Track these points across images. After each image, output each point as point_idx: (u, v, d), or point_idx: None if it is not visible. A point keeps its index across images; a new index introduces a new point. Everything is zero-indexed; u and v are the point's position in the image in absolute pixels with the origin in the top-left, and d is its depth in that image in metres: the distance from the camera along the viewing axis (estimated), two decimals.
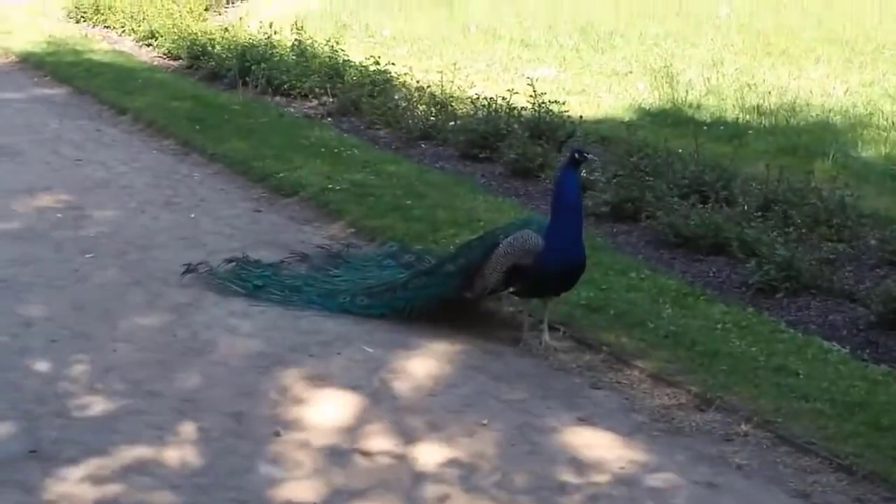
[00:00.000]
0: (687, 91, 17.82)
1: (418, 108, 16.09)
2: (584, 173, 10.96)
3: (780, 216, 11.11)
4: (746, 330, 9.02)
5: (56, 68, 20.48)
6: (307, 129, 15.63)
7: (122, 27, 24.53)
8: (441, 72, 17.08)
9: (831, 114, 16.41)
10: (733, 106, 16.99)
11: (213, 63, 19.85)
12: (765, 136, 15.26)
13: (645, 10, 25.15)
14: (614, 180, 12.42)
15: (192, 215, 12.14)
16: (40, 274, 10.19)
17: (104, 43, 23.43)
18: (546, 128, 14.56)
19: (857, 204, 11.53)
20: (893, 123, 15.66)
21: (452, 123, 15.33)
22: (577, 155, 8.78)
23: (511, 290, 9.08)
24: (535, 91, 14.84)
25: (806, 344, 8.82)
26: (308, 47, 19.39)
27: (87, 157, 14.58)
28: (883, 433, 7.41)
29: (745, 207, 11.46)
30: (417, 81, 17.09)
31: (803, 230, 10.76)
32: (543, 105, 14.78)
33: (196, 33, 21.41)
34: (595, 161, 9.31)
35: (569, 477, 7.01)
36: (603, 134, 15.26)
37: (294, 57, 19.07)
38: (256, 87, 18.26)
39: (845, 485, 6.97)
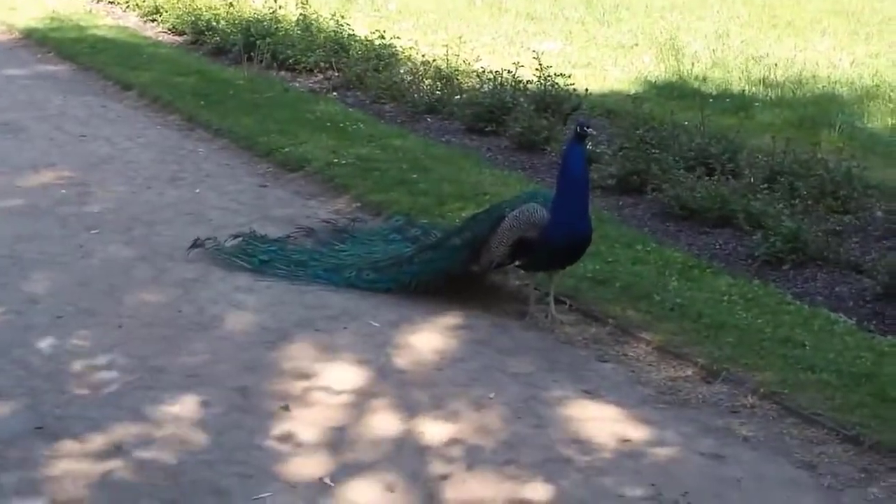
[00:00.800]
0: (693, 63, 17.77)
1: (424, 82, 16.05)
2: (590, 146, 10.93)
3: (787, 188, 11.09)
4: (752, 302, 9.02)
5: (60, 44, 20.41)
6: (312, 104, 15.59)
7: (127, 2, 24.38)
8: (446, 45, 17.03)
9: (837, 85, 16.39)
10: (739, 78, 16.95)
11: (218, 38, 19.77)
12: (771, 108, 15.24)
13: None
14: (620, 153, 12.41)
15: (198, 190, 12.12)
16: (45, 250, 10.18)
17: (108, 18, 23.36)
18: (552, 101, 14.52)
19: (864, 175, 11.50)
20: None
21: (458, 97, 15.30)
22: (578, 129, 8.76)
23: (517, 263, 9.08)
24: (540, 64, 14.80)
25: (812, 315, 8.82)
26: (313, 21, 19.33)
27: (92, 132, 14.54)
28: (889, 404, 7.41)
29: (752, 179, 11.45)
30: (423, 55, 17.07)
31: (809, 202, 10.74)
32: (549, 78, 14.74)
33: (200, 8, 21.31)
34: (593, 134, 9.29)
35: (575, 450, 7.01)
36: (609, 107, 15.23)
37: (299, 31, 19.00)
38: (261, 61, 18.20)
39: (852, 455, 6.98)
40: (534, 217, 8.75)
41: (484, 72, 15.51)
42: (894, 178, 11.99)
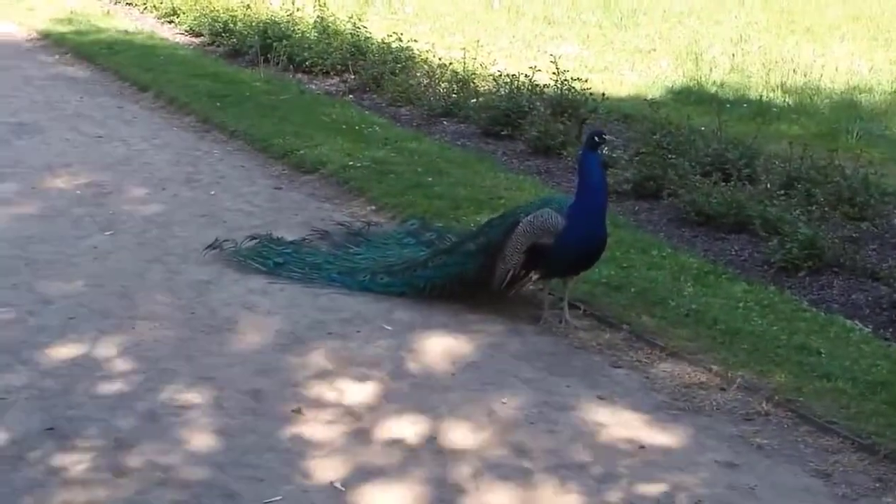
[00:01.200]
0: (711, 69, 17.75)
1: (440, 86, 16.05)
2: (606, 150, 10.87)
3: (803, 194, 11.04)
4: (768, 308, 8.98)
5: (77, 45, 20.46)
6: (328, 107, 15.59)
7: (144, 4, 24.49)
8: (464, 49, 17.03)
9: (856, 91, 16.32)
10: (757, 83, 16.90)
11: (235, 40, 19.82)
12: (788, 114, 15.19)
13: None
14: (637, 158, 12.39)
15: (213, 192, 12.12)
16: (59, 251, 10.17)
17: (126, 20, 23.40)
18: (568, 105, 14.50)
19: (881, 182, 11.47)
20: None
21: (474, 101, 15.29)
22: (595, 138, 8.73)
23: (535, 275, 9.04)
24: (557, 68, 14.77)
25: (828, 323, 8.78)
26: (330, 24, 19.35)
27: (108, 134, 14.57)
28: None
29: (768, 185, 11.41)
30: (439, 58, 17.05)
31: (826, 208, 10.70)
32: (566, 82, 14.71)
33: (218, 10, 21.37)
34: (612, 140, 9.22)
35: (588, 456, 6.97)
36: (626, 112, 15.22)
37: (316, 34, 19.03)
38: (278, 64, 18.24)
39: (867, 464, 6.93)
40: (549, 223, 8.72)
41: (500, 75, 15.48)
42: None
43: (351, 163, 12.71)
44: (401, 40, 17.74)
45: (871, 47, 19.47)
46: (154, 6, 23.97)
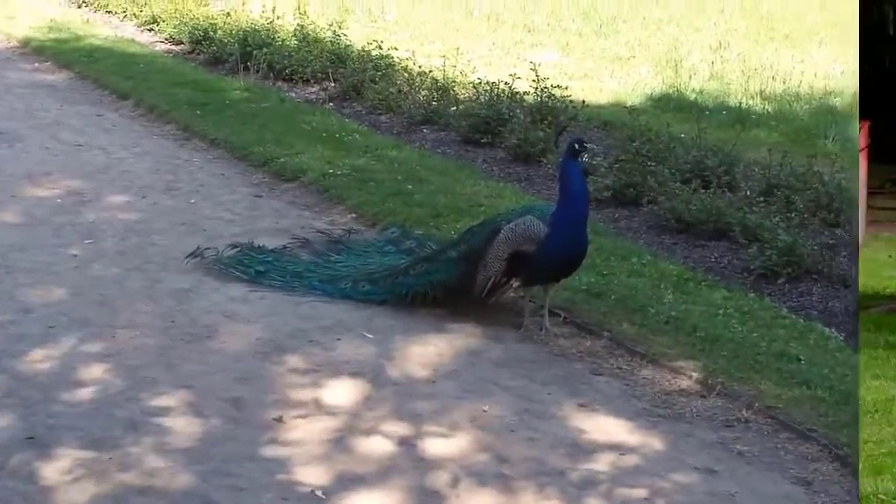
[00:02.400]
0: (690, 76, 17.77)
1: (420, 93, 16.04)
2: (586, 157, 10.89)
3: (783, 201, 11.08)
4: (748, 315, 9.00)
5: (57, 53, 20.37)
6: (308, 115, 15.56)
7: (124, 12, 24.39)
8: (444, 56, 17.02)
9: (832, 96, 16.37)
10: (736, 90, 16.93)
11: (215, 48, 19.74)
12: (767, 121, 15.22)
13: None
14: (616, 165, 12.39)
15: (193, 200, 12.09)
16: (39, 260, 10.15)
17: (106, 28, 23.31)
18: (548, 112, 14.48)
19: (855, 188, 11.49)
20: None
21: (454, 108, 15.27)
22: (577, 146, 8.73)
23: (516, 283, 9.05)
24: (537, 76, 14.77)
25: (807, 330, 8.82)
26: (310, 32, 19.30)
27: (88, 142, 14.51)
28: None
29: (748, 192, 11.43)
30: (419, 66, 17.04)
31: (805, 215, 10.73)
32: (546, 90, 14.71)
33: (198, 18, 21.31)
34: (594, 148, 9.24)
35: (568, 463, 6.99)
36: (605, 119, 15.21)
37: (296, 42, 18.98)
38: (258, 72, 18.19)
39: (846, 472, 6.95)
40: (531, 230, 8.73)
41: (480, 83, 15.47)
42: None
43: (331, 171, 12.70)
44: (381, 48, 17.71)
45: (849, 52, 19.51)
46: (134, 14, 23.87)
